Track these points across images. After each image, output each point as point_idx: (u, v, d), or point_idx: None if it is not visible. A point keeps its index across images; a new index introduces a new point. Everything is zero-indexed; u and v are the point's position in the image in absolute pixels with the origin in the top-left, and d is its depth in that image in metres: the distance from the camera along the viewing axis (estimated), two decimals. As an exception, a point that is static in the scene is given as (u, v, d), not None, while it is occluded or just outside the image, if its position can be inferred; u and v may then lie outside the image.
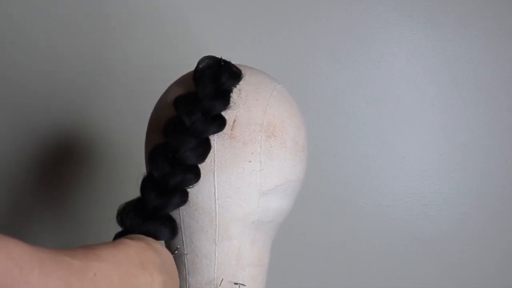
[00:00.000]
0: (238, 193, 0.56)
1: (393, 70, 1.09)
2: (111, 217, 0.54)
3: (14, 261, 0.36)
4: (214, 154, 0.56)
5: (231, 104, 0.56)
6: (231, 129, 0.56)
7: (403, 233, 1.08)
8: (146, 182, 0.54)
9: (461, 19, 1.08)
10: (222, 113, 0.56)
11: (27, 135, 1.11)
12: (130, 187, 0.55)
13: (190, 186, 0.55)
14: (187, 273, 0.58)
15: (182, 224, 0.57)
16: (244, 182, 0.56)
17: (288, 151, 0.59)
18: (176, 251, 0.58)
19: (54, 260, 0.39)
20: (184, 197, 0.55)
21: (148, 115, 0.64)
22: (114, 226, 0.54)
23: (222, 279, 0.57)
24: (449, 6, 1.08)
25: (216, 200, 0.56)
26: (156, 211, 0.53)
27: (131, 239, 0.50)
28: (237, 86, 0.58)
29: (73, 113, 1.11)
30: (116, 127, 1.10)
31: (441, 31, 1.08)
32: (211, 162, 0.56)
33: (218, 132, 0.56)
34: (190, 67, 0.61)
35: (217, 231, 0.57)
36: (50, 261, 0.38)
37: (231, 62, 0.59)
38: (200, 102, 0.55)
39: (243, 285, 0.57)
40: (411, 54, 1.08)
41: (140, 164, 0.64)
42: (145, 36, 1.10)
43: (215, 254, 0.57)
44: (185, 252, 0.58)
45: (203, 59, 0.58)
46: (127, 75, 1.10)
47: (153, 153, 0.55)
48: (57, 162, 1.12)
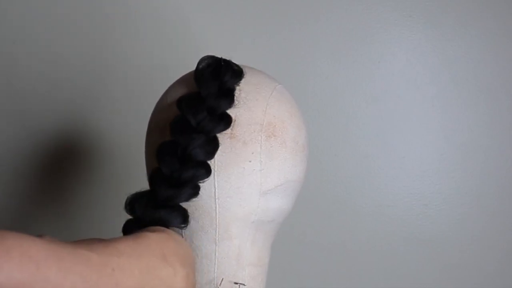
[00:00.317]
0: (238, 193, 0.56)
1: (393, 70, 1.09)
2: (111, 216, 0.54)
3: (31, 258, 0.36)
4: (215, 153, 0.56)
5: (235, 102, 0.56)
6: (231, 129, 0.56)
7: (403, 233, 1.09)
8: (156, 176, 0.54)
9: (461, 19, 1.08)
10: (223, 113, 0.56)
11: (27, 135, 1.11)
12: (131, 187, 0.55)
13: (201, 181, 0.54)
14: (187, 273, 0.58)
15: (182, 224, 0.57)
16: (245, 182, 0.56)
17: (288, 151, 0.59)
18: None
19: (72, 255, 0.39)
20: (196, 189, 0.54)
21: (148, 115, 0.64)
22: (114, 226, 0.54)
23: (222, 278, 0.57)
24: (449, 6, 1.08)
25: (217, 200, 0.56)
26: (168, 201, 0.53)
27: (151, 231, 0.49)
28: (238, 86, 0.58)
29: (73, 113, 1.11)
30: (116, 127, 1.10)
31: (441, 31, 1.08)
32: (211, 162, 0.56)
33: (224, 131, 0.56)
34: (190, 67, 0.61)
35: (217, 231, 0.57)
36: (68, 256, 0.39)
37: (231, 61, 0.59)
38: (204, 101, 0.55)
39: (243, 284, 0.57)
40: (411, 54, 1.08)
41: (140, 164, 0.64)
42: (145, 36, 1.10)
43: (215, 254, 0.57)
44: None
45: (203, 59, 0.58)
46: (127, 75, 1.10)
47: (161, 150, 0.55)
48: (57, 162, 1.12)
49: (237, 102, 0.57)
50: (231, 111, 0.56)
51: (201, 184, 0.55)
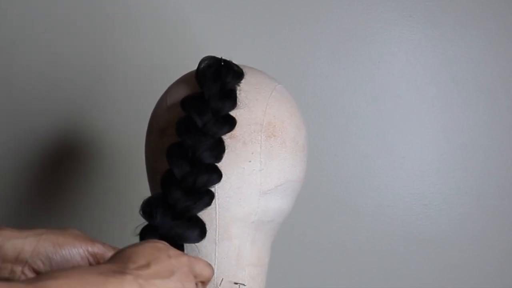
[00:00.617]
0: (238, 193, 0.56)
1: (393, 70, 1.09)
2: (111, 216, 0.54)
3: None
4: (215, 154, 0.56)
5: (238, 104, 0.56)
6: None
7: (403, 233, 1.08)
8: (168, 179, 0.54)
9: (461, 19, 1.08)
10: (222, 112, 0.56)
11: (27, 135, 1.11)
12: (131, 187, 0.55)
13: (212, 186, 0.55)
14: (187, 273, 0.58)
15: (182, 224, 0.57)
16: (244, 182, 0.56)
17: (288, 151, 0.59)
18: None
19: None
20: (212, 199, 0.55)
21: (148, 115, 0.64)
22: (114, 226, 0.54)
23: (222, 279, 0.57)
24: (449, 6, 1.08)
25: (216, 200, 0.56)
26: (186, 212, 0.53)
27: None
28: (238, 86, 0.58)
29: (73, 113, 1.11)
30: (116, 127, 1.10)
31: (441, 31, 1.08)
32: (212, 162, 0.56)
33: (229, 132, 0.56)
34: (190, 67, 0.61)
35: (217, 231, 0.57)
36: None
37: (232, 61, 0.59)
38: (208, 102, 0.55)
39: (243, 284, 0.57)
40: (411, 54, 1.08)
41: (140, 164, 0.64)
42: (145, 36, 1.10)
43: (215, 254, 0.57)
44: (185, 252, 0.58)
45: (203, 60, 0.58)
46: (127, 75, 1.10)
47: (171, 152, 0.55)
48: (57, 162, 1.12)
49: (237, 102, 0.57)
50: (231, 111, 0.57)
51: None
